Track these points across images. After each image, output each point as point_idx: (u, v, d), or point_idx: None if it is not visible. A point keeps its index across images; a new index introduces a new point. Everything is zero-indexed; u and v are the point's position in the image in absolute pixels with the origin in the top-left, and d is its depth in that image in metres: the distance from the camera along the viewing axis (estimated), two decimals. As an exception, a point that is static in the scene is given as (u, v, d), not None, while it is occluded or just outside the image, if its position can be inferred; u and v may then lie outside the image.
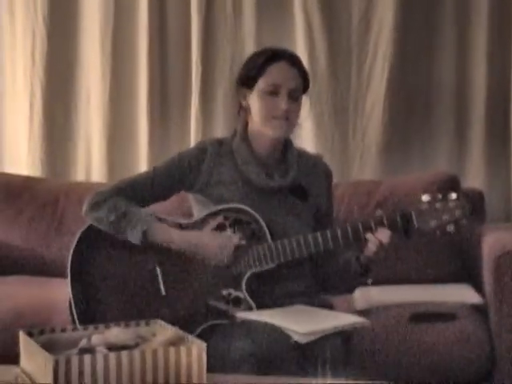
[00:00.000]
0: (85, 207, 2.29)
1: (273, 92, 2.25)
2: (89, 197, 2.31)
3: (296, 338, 2.00)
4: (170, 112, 3.46)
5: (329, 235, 2.19)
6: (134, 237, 2.20)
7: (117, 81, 3.44)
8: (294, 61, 2.30)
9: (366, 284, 2.32)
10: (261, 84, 2.26)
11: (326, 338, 2.03)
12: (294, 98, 2.26)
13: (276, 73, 2.26)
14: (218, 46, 3.35)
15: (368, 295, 2.59)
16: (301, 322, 2.05)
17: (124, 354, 1.64)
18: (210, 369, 1.72)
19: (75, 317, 2.22)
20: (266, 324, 2.06)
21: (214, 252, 2.20)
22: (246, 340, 2.04)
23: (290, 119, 2.26)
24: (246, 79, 2.29)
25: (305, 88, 2.32)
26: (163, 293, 2.24)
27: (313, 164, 2.40)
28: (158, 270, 2.25)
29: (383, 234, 2.15)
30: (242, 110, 2.34)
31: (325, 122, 3.29)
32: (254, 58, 2.32)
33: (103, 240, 2.27)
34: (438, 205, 2.15)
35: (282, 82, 2.25)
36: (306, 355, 2.04)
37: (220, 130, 3.33)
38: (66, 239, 3.09)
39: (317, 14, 3.26)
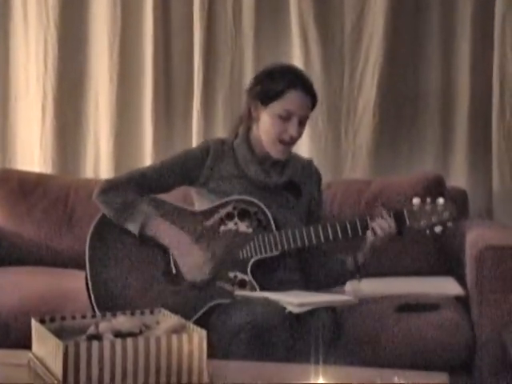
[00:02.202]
0: (96, 190, 2.33)
1: (285, 117, 2.26)
2: (101, 182, 2.36)
3: (290, 308, 2.04)
4: (174, 114, 3.46)
5: (329, 227, 2.23)
6: (133, 228, 2.25)
7: (124, 85, 3.44)
8: (309, 89, 2.30)
9: (356, 280, 2.37)
10: (276, 107, 2.27)
11: (317, 315, 2.07)
12: (303, 123, 2.29)
13: (292, 100, 2.26)
14: (219, 54, 3.35)
15: (358, 287, 2.59)
16: (294, 297, 2.10)
17: (129, 340, 1.65)
18: (212, 344, 1.76)
19: (93, 299, 2.25)
20: (262, 298, 2.11)
21: (188, 270, 2.23)
22: (243, 310, 2.08)
23: (293, 143, 2.31)
24: (263, 96, 2.29)
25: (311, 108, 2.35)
26: (174, 272, 2.26)
27: (305, 166, 2.44)
28: (170, 251, 2.27)
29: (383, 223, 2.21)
30: (249, 117, 2.35)
31: (319, 125, 3.29)
32: (274, 79, 2.29)
33: (117, 226, 2.30)
34: (427, 207, 2.23)
35: (296, 110, 2.26)
36: (299, 329, 2.07)
37: (219, 131, 3.34)
38: (75, 232, 3.11)
39: (312, 23, 3.26)
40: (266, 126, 2.29)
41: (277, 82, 2.28)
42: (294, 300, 2.06)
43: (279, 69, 2.34)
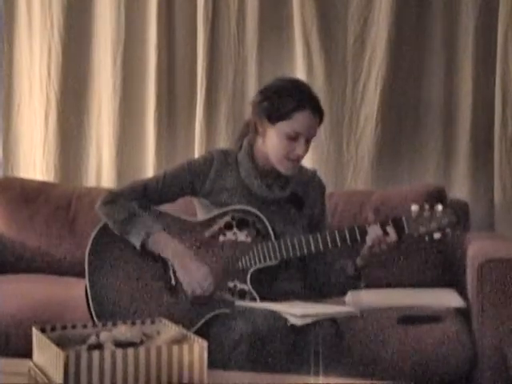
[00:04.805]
0: (99, 202, 2.34)
1: (293, 137, 2.25)
2: (104, 194, 2.36)
3: (292, 320, 2.04)
4: (176, 123, 3.46)
5: (327, 236, 2.23)
6: (135, 241, 2.24)
7: (127, 93, 3.45)
8: (317, 109, 2.28)
9: (358, 287, 2.36)
10: (284, 127, 2.24)
11: (319, 326, 2.06)
12: (309, 141, 2.29)
13: (300, 122, 2.24)
14: (222, 65, 3.35)
15: (359, 298, 2.59)
16: (296, 308, 2.09)
17: (130, 350, 1.65)
18: (212, 354, 1.75)
19: (92, 309, 2.25)
20: (264, 309, 2.10)
21: (188, 283, 2.22)
22: (244, 322, 2.07)
23: (300, 160, 2.31)
24: (270, 114, 2.26)
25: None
26: (173, 283, 2.26)
27: (309, 178, 2.43)
28: (170, 263, 2.27)
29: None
30: (255, 131, 2.33)
31: (321, 135, 3.28)
32: (282, 97, 2.25)
33: (117, 236, 2.30)
34: (426, 214, 2.23)
35: (304, 131, 2.25)
36: (301, 340, 2.06)
37: (222, 140, 3.34)
38: (77, 240, 3.11)
39: (315, 34, 3.27)
40: (273, 143, 2.28)
41: (285, 101, 2.24)
42: (296, 311, 2.05)
43: (288, 86, 2.30)
